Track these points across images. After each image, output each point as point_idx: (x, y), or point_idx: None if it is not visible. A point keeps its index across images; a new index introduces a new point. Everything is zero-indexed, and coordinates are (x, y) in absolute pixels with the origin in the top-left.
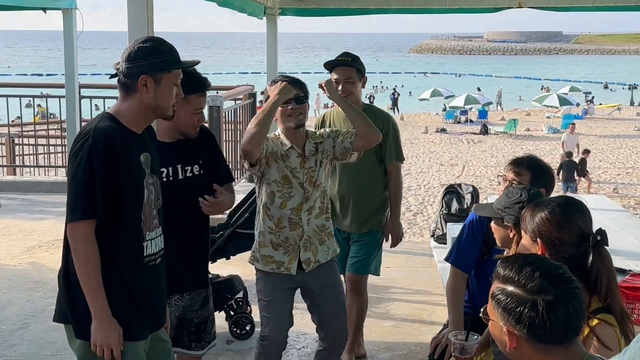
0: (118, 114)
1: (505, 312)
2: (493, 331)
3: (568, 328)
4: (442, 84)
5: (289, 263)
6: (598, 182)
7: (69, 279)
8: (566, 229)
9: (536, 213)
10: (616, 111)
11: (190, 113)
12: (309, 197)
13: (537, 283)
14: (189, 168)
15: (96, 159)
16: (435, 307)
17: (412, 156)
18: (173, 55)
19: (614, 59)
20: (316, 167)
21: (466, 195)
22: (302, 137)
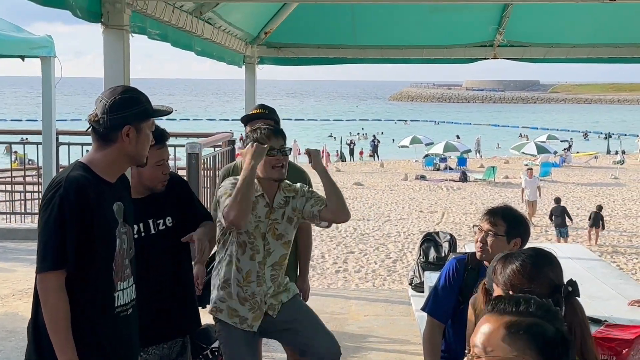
0: (91, 163)
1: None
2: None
3: None
4: (421, 131)
5: (253, 321)
6: (576, 229)
7: (38, 330)
8: (537, 280)
9: (507, 265)
10: (593, 159)
11: (152, 166)
12: (273, 251)
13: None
14: (161, 221)
15: (67, 209)
16: (412, 356)
17: (392, 203)
18: (149, 104)
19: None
20: (282, 220)
21: (444, 244)
22: (274, 187)
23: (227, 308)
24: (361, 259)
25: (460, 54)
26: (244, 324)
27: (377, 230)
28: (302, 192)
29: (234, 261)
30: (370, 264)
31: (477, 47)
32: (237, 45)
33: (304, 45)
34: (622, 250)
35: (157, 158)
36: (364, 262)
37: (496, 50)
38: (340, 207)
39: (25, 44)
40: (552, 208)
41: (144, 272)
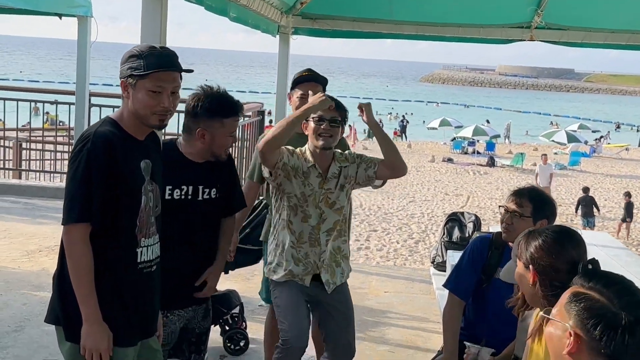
0: (120, 119)
1: (585, 314)
2: (552, 332)
3: (638, 353)
4: (451, 114)
5: (304, 275)
6: (603, 219)
7: (63, 281)
8: (558, 256)
9: (530, 241)
10: (624, 151)
11: (226, 136)
12: (326, 219)
13: (625, 301)
14: (207, 190)
15: (94, 164)
16: (431, 334)
17: (417, 184)
18: (149, 61)
19: (624, 99)
20: (335, 189)
21: (468, 224)
22: (327, 159)
23: (282, 270)
24: (384, 238)
25: (497, 34)
26: (295, 278)
27: (401, 210)
28: (352, 158)
29: (287, 224)
30: (393, 243)
31: (514, 28)
32: (272, 13)
33: (339, 17)
34: None
35: (231, 129)
36: (386, 241)
37: (533, 32)
38: (398, 161)
39: (64, 1)
40: (580, 197)
41: (188, 236)
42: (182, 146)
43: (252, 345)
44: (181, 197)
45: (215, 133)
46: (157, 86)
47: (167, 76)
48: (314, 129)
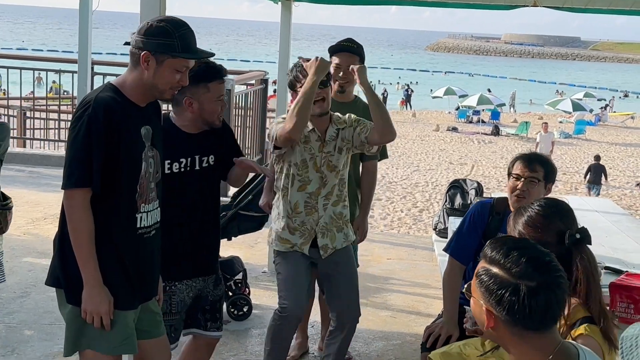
0: (122, 85)
1: (487, 293)
2: (474, 308)
3: (546, 316)
4: (457, 83)
5: (302, 245)
6: (607, 187)
7: (64, 244)
8: (545, 230)
9: (518, 218)
10: (630, 120)
11: (213, 101)
12: (327, 183)
13: (522, 268)
14: (205, 159)
15: (95, 129)
16: (433, 300)
17: (422, 153)
18: (183, 42)
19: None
20: (334, 152)
21: (470, 191)
22: (325, 121)
23: (279, 239)
24: (387, 207)
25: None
26: (294, 247)
27: (406, 179)
28: (349, 121)
29: (286, 194)
30: (397, 212)
31: None
32: None
33: None
34: None
35: (218, 93)
36: (390, 210)
37: None
38: (386, 125)
39: None
40: (591, 164)
41: (191, 206)
42: (175, 120)
43: (255, 311)
44: (180, 169)
45: (202, 99)
46: (183, 66)
47: (187, 62)
48: None
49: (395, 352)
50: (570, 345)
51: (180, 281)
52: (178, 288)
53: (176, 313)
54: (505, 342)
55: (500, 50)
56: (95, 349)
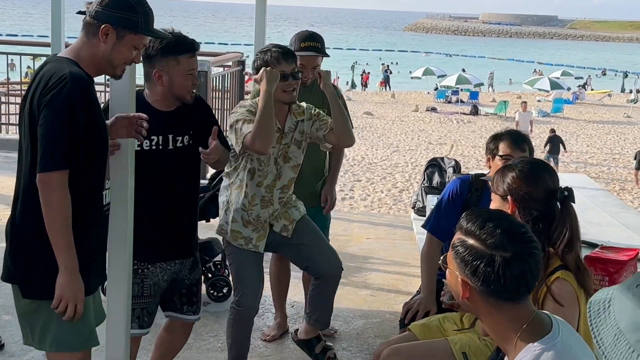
0: (79, 59)
1: (462, 264)
2: (449, 279)
3: (520, 286)
4: (435, 63)
5: (257, 241)
6: (585, 165)
7: (20, 233)
8: (535, 184)
9: (506, 173)
10: (607, 97)
11: (183, 75)
12: (282, 174)
13: (497, 239)
14: (180, 138)
15: (76, 107)
16: (412, 278)
17: (401, 133)
18: (146, 19)
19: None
20: (291, 144)
21: (448, 169)
22: (284, 112)
23: (230, 231)
24: (368, 187)
25: None
26: (249, 245)
27: (385, 159)
28: (309, 114)
29: (243, 186)
30: (377, 193)
31: None
32: None
33: None
34: (629, 188)
35: (188, 67)
36: (370, 191)
37: None
38: (345, 132)
39: None
40: (549, 136)
41: (164, 186)
42: (147, 96)
43: None
44: (151, 147)
45: (171, 73)
46: (142, 44)
47: (144, 39)
48: (279, 86)
49: (375, 329)
50: (543, 314)
51: (153, 264)
52: (151, 271)
53: (149, 296)
54: (480, 312)
55: (479, 30)
56: (64, 348)
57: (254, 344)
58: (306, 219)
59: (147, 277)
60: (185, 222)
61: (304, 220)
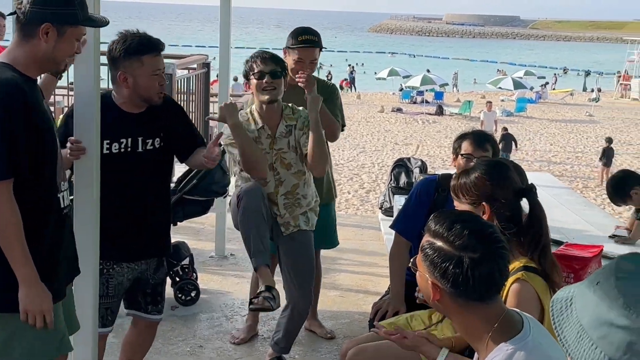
0: (15, 62)
1: (432, 266)
2: (420, 282)
3: (490, 286)
4: (400, 64)
5: None
6: (549, 163)
7: None
8: (502, 184)
9: (470, 175)
10: (569, 96)
11: (148, 76)
12: (283, 181)
13: (465, 240)
14: (150, 141)
15: (13, 114)
16: (380, 278)
17: (367, 134)
18: (83, 9)
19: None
20: (288, 149)
21: (415, 169)
22: (276, 116)
23: None
24: None
25: None
26: None
27: (352, 160)
28: (301, 124)
29: None
30: (344, 194)
31: None
32: None
33: None
34: (592, 186)
35: (153, 67)
36: (337, 192)
37: None
38: (318, 166)
39: None
40: (502, 134)
41: (133, 189)
42: (115, 98)
43: (203, 296)
44: (120, 150)
45: (136, 74)
46: (81, 34)
47: (84, 29)
48: (256, 85)
49: (344, 330)
50: (514, 313)
51: (119, 263)
52: (116, 271)
53: (113, 296)
54: (451, 313)
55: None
56: (35, 358)
57: (222, 347)
58: (308, 237)
59: (113, 277)
60: (155, 224)
61: (305, 236)
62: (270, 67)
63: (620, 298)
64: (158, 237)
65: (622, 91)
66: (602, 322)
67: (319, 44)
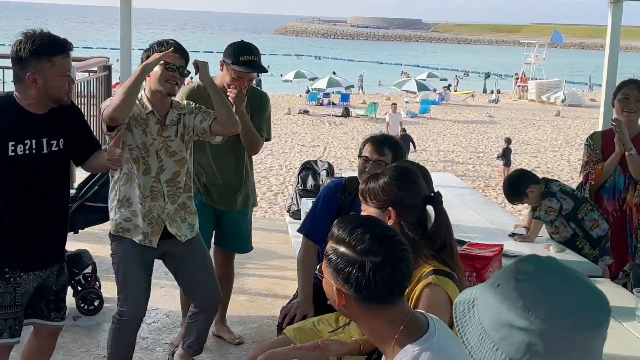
0: None
1: (335, 272)
2: (326, 288)
3: (393, 289)
4: (306, 66)
5: (152, 235)
6: (452, 163)
7: None
8: (410, 190)
9: (378, 181)
10: (470, 98)
11: (59, 76)
12: (165, 168)
13: (367, 245)
14: (54, 142)
15: None
16: (289, 282)
17: (275, 136)
18: None
19: (469, 48)
20: (175, 137)
21: (322, 172)
22: (166, 105)
23: (133, 226)
24: None
25: None
26: (145, 240)
27: (260, 163)
28: (189, 109)
29: (132, 178)
30: None
31: None
32: None
33: None
34: (494, 185)
35: (63, 68)
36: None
37: None
38: (229, 118)
39: None
40: (400, 135)
41: (37, 192)
42: (19, 99)
43: (107, 304)
44: (25, 152)
45: (47, 75)
46: None
47: None
48: (161, 74)
49: (252, 335)
50: (419, 314)
51: (26, 272)
52: (23, 279)
53: (20, 305)
54: (357, 317)
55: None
56: None
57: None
58: (198, 241)
59: (20, 286)
60: (57, 229)
61: (198, 241)
62: (181, 63)
63: (520, 300)
64: (60, 241)
65: (520, 92)
66: (503, 324)
67: (261, 66)
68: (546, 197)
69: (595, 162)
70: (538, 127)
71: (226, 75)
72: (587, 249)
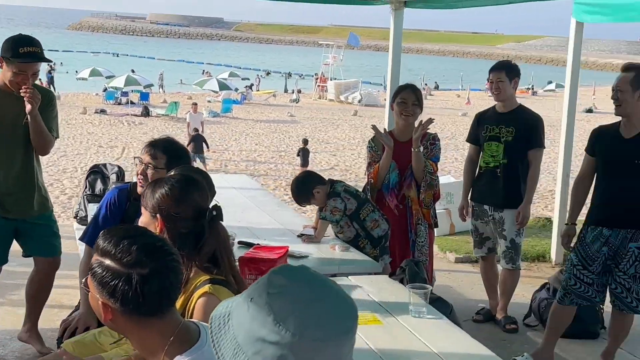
0: None
1: (101, 286)
2: (92, 303)
3: (162, 300)
4: (103, 63)
5: None
6: (254, 163)
7: None
8: (184, 204)
9: (157, 190)
10: (272, 97)
11: None
12: None
13: (134, 257)
14: None
15: None
16: (77, 291)
17: (69, 137)
18: None
19: (271, 48)
20: None
21: (111, 176)
22: None
23: None
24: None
25: None
26: None
27: (52, 165)
28: None
29: None
30: None
31: None
32: None
33: None
34: None
35: None
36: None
37: None
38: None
39: None
40: (192, 136)
41: None
42: None
43: None
44: None
45: None
46: None
47: None
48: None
49: (34, 351)
50: (190, 323)
51: None
52: None
53: None
54: (126, 331)
55: (147, 30)
56: None
57: None
58: None
59: None
60: None
61: None
62: None
63: (271, 315)
64: None
65: (320, 92)
66: (256, 339)
67: (43, 57)
68: (331, 197)
69: (377, 162)
70: (337, 126)
71: (7, 72)
72: (369, 249)
